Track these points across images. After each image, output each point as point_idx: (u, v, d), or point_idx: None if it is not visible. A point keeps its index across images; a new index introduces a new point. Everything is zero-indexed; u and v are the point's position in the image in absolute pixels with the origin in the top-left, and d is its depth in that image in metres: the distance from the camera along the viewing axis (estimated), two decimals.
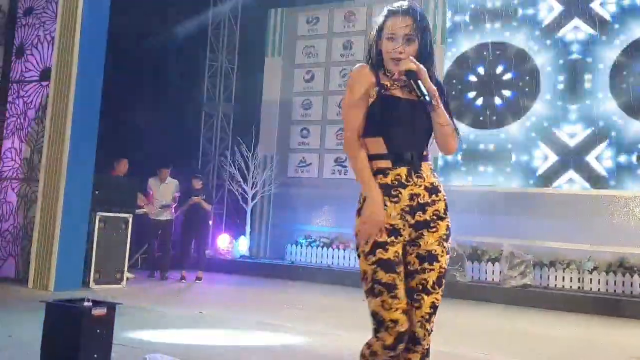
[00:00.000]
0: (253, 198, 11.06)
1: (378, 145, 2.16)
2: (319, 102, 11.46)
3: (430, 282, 2.11)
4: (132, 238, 7.79)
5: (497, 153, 10.00)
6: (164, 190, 9.05)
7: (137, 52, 9.94)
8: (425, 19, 2.22)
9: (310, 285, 9.30)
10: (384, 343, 2.04)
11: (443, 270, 2.16)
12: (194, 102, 12.23)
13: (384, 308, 2.05)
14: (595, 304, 8.08)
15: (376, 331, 2.07)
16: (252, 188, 10.99)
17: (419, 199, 2.13)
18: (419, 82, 2.09)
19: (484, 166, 10.08)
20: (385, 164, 2.14)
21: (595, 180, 9.28)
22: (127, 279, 7.78)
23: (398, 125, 2.14)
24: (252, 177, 10.94)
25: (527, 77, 9.90)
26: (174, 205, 9.04)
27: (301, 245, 10.88)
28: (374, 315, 2.08)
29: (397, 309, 2.05)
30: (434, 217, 2.15)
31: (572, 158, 9.46)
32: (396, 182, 2.13)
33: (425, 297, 2.10)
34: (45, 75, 7.57)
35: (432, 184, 2.16)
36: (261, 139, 11.49)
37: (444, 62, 10.26)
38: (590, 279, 8.73)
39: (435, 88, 2.13)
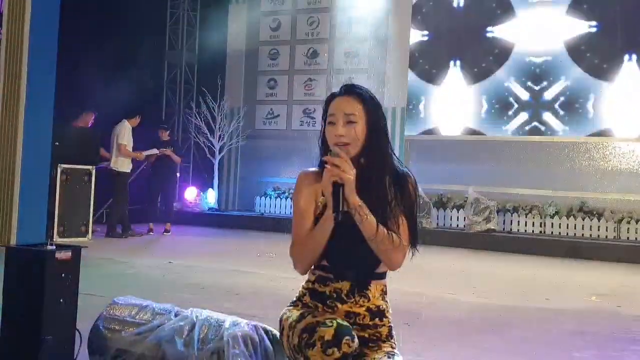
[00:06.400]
0: (220, 150, 10.91)
1: (320, 257, 1.92)
2: (286, 51, 11.22)
3: None
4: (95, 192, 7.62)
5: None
6: None
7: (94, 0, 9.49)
8: (371, 97, 1.94)
9: (281, 236, 9.31)
10: (323, 340, 1.68)
11: None
12: (155, 52, 11.83)
13: (314, 316, 1.80)
14: (556, 246, 8.36)
15: (310, 338, 1.73)
16: (219, 140, 10.82)
17: (357, 319, 1.87)
18: (341, 194, 1.77)
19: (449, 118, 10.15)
20: (326, 274, 1.91)
21: (556, 126, 9.43)
22: (93, 232, 7.66)
23: (339, 241, 1.85)
24: (219, 129, 10.76)
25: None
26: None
27: (270, 197, 10.86)
28: (305, 330, 1.76)
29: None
30: (374, 338, 1.89)
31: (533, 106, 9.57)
32: (334, 295, 1.88)
33: None
34: None
35: (378, 307, 1.90)
36: (227, 90, 11.25)
37: None
38: (552, 223, 9.00)
39: (359, 203, 1.81)
